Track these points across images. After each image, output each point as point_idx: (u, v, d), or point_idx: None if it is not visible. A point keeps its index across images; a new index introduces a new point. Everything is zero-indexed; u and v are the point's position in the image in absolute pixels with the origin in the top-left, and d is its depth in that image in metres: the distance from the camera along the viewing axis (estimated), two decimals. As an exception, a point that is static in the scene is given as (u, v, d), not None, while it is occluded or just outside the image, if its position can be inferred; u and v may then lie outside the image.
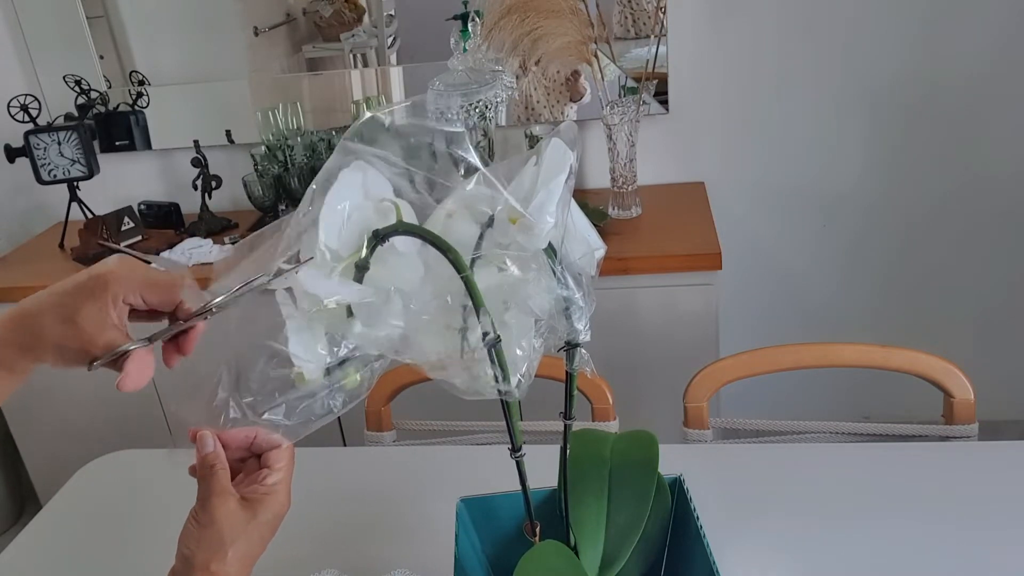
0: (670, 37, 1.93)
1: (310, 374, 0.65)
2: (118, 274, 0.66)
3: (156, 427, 2.00)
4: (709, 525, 0.73)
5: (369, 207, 0.60)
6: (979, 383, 1.19)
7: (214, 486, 0.67)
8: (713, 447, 1.23)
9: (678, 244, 1.74)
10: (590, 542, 0.76)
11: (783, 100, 1.98)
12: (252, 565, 0.67)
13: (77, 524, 1.15)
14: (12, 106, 1.95)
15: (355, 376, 0.68)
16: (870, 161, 2.02)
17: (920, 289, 2.13)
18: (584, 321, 0.62)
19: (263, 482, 0.69)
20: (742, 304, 2.17)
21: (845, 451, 1.17)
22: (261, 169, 1.95)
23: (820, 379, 1.64)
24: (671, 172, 2.08)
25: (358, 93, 2.14)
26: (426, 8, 1.98)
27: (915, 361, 1.21)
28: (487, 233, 0.60)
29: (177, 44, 2.15)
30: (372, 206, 0.60)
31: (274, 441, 0.71)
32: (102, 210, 1.96)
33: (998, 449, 1.11)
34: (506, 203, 0.59)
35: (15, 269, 2.02)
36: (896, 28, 1.89)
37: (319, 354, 0.65)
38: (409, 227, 0.59)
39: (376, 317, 0.59)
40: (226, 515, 0.66)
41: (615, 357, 1.76)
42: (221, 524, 0.65)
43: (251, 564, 0.67)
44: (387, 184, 0.61)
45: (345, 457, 1.34)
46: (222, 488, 0.67)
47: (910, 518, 0.98)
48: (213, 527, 0.65)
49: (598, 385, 1.27)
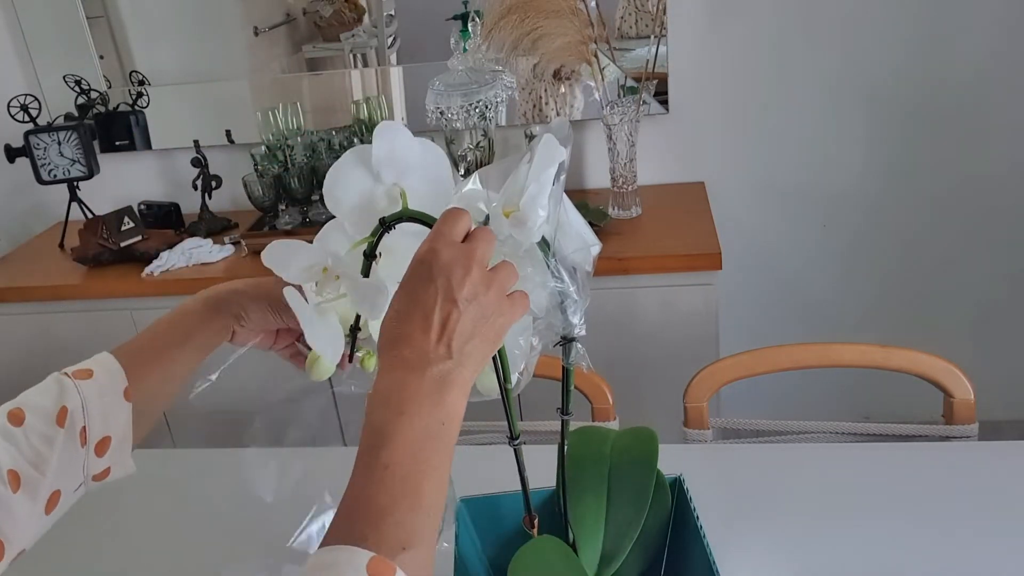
0: (670, 37, 1.93)
1: (328, 362, 0.66)
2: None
3: (156, 427, 1.99)
4: (709, 525, 0.73)
5: (380, 191, 0.61)
6: (979, 383, 1.19)
7: None
8: (713, 447, 1.23)
9: (678, 244, 1.74)
10: (589, 538, 0.76)
11: (783, 100, 1.98)
12: None
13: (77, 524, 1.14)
14: (12, 106, 1.95)
15: (372, 359, 0.69)
16: (870, 161, 2.02)
17: (920, 289, 2.13)
18: (579, 315, 0.62)
19: None
20: (742, 304, 2.17)
21: (845, 451, 1.17)
22: (261, 169, 1.95)
23: (820, 379, 1.64)
24: (671, 172, 2.08)
25: (358, 93, 2.14)
26: (426, 8, 1.97)
27: (915, 361, 1.21)
28: None
29: (177, 44, 2.15)
30: (384, 191, 0.61)
31: None
32: (102, 210, 1.96)
33: (998, 449, 1.11)
34: (500, 198, 0.59)
35: (15, 269, 2.02)
36: (896, 28, 1.89)
37: (335, 343, 0.65)
38: (414, 213, 0.59)
39: (377, 310, 0.59)
40: None
41: (615, 357, 1.76)
42: None
43: None
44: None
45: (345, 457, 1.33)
46: None
47: (910, 518, 0.98)
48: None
49: (598, 385, 1.27)
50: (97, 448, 0.75)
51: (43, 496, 0.69)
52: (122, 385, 0.78)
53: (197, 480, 1.23)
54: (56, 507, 0.72)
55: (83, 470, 0.74)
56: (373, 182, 0.61)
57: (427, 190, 0.61)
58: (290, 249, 0.62)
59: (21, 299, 1.90)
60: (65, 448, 0.71)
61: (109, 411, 0.76)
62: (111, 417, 0.76)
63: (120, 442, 0.77)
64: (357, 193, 0.61)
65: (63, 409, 0.72)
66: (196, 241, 1.97)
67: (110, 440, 0.76)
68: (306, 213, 1.97)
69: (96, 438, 0.74)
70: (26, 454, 0.69)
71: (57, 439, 0.71)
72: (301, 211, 1.97)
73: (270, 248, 0.61)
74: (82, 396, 0.74)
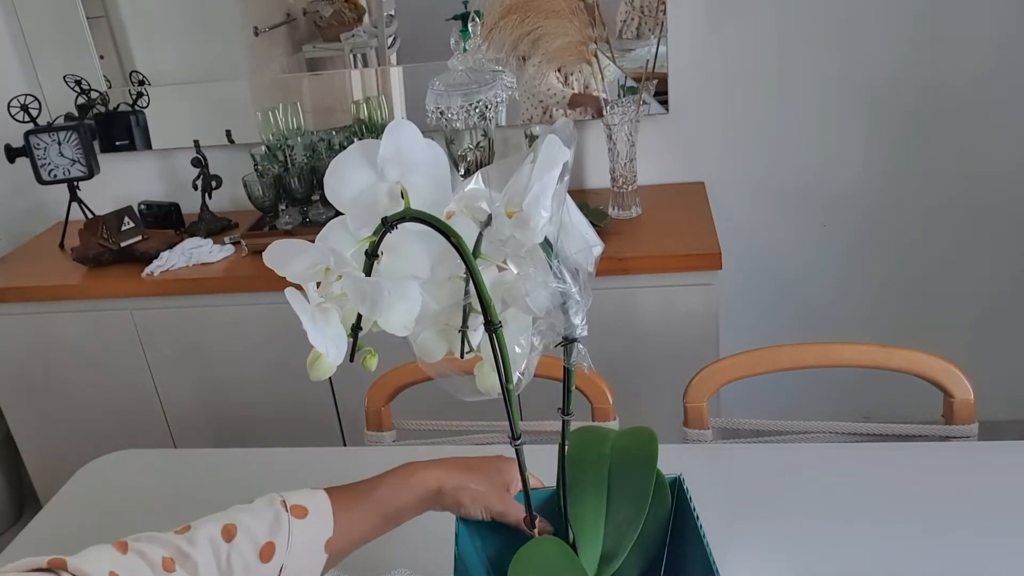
0: (670, 37, 1.93)
1: (332, 359, 0.66)
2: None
3: (156, 427, 2.00)
4: (709, 525, 0.73)
5: (382, 189, 0.60)
6: (979, 383, 1.19)
7: None
8: (713, 447, 1.23)
9: (678, 244, 1.74)
10: (589, 539, 0.76)
11: (783, 100, 1.98)
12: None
13: (77, 524, 1.15)
14: (12, 106, 1.95)
15: (374, 359, 0.69)
16: (870, 161, 2.02)
17: (920, 289, 2.13)
18: (581, 316, 0.62)
19: None
20: (742, 304, 2.17)
21: (845, 451, 1.17)
22: (261, 169, 1.95)
23: (820, 379, 1.64)
24: (671, 172, 2.08)
25: (358, 93, 2.14)
26: (426, 8, 1.97)
27: (915, 361, 1.21)
28: (486, 232, 0.61)
29: (177, 44, 2.15)
30: (386, 188, 0.60)
31: None
32: (102, 210, 1.96)
33: (998, 449, 1.11)
34: (503, 197, 0.59)
35: (15, 269, 2.02)
36: (896, 28, 1.89)
37: (339, 343, 0.65)
38: (416, 213, 0.59)
39: (377, 309, 0.59)
40: None
41: (615, 357, 1.76)
42: None
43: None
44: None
45: (345, 457, 1.34)
46: None
47: (910, 518, 0.98)
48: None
49: (598, 385, 1.27)
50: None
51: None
52: (327, 535, 0.78)
53: (197, 480, 1.23)
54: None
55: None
56: (376, 178, 0.60)
57: (430, 189, 0.62)
58: (292, 249, 0.62)
59: (21, 299, 1.90)
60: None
61: (308, 561, 0.77)
62: (306, 568, 0.77)
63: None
64: (357, 189, 0.61)
65: (270, 545, 0.74)
66: (196, 241, 1.97)
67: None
68: (306, 213, 1.97)
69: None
70: (223, 571, 0.72)
71: (253, 572, 0.73)
72: (301, 211, 1.97)
73: (272, 248, 0.61)
74: (291, 537, 0.76)
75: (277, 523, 0.76)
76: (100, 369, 1.94)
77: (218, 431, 1.99)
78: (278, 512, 0.77)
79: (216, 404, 1.96)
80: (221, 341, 1.89)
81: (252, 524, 0.75)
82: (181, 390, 1.96)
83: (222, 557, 0.72)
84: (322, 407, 1.90)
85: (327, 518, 0.79)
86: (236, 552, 0.73)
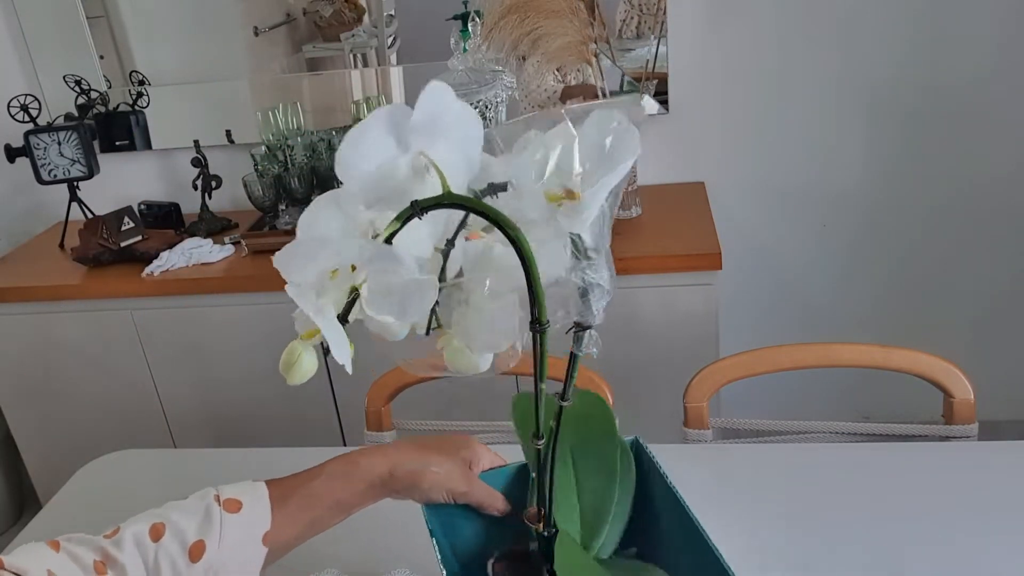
0: (670, 37, 1.93)
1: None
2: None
3: (156, 427, 2.00)
4: (709, 525, 0.72)
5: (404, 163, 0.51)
6: (979, 383, 1.19)
7: None
8: (713, 447, 1.23)
9: (678, 244, 1.74)
10: (568, 513, 0.75)
11: (783, 100, 1.98)
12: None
13: (77, 524, 1.14)
14: (12, 106, 1.95)
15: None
16: (870, 161, 2.02)
17: (920, 289, 2.13)
18: (604, 302, 0.60)
19: None
20: (742, 304, 2.17)
21: (845, 451, 1.16)
22: (261, 169, 1.95)
23: (820, 379, 1.64)
24: (671, 172, 2.08)
25: (358, 93, 2.14)
26: (426, 8, 1.97)
27: (915, 361, 1.21)
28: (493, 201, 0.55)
29: (177, 44, 2.15)
30: (408, 162, 0.51)
31: None
32: (102, 210, 1.96)
33: (998, 449, 1.11)
34: (534, 173, 0.52)
35: (15, 269, 2.02)
36: (896, 28, 1.89)
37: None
38: (456, 199, 0.51)
39: (413, 313, 0.56)
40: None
41: (615, 357, 1.75)
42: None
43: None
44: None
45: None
46: None
47: (910, 518, 0.98)
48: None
49: (598, 385, 1.27)
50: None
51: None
52: (264, 528, 0.76)
53: (197, 480, 1.22)
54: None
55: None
56: (398, 149, 0.50)
57: (457, 158, 0.52)
58: (308, 251, 0.55)
59: (21, 299, 1.90)
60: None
61: (244, 556, 0.75)
62: (243, 562, 0.75)
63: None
64: (376, 162, 0.51)
65: (199, 544, 0.72)
66: (196, 241, 1.97)
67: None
68: (306, 213, 1.97)
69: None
70: (150, 572, 0.71)
71: (182, 572, 0.71)
72: (301, 211, 1.96)
73: (283, 252, 0.57)
74: (223, 533, 0.74)
75: (208, 520, 0.74)
76: (100, 369, 1.94)
77: (218, 431, 1.99)
78: (209, 507, 0.75)
79: (216, 404, 1.96)
80: (221, 341, 1.89)
81: (181, 522, 0.73)
82: (181, 390, 1.96)
83: (149, 558, 0.71)
84: (322, 407, 1.90)
85: (264, 511, 0.76)
86: (163, 552, 0.71)
